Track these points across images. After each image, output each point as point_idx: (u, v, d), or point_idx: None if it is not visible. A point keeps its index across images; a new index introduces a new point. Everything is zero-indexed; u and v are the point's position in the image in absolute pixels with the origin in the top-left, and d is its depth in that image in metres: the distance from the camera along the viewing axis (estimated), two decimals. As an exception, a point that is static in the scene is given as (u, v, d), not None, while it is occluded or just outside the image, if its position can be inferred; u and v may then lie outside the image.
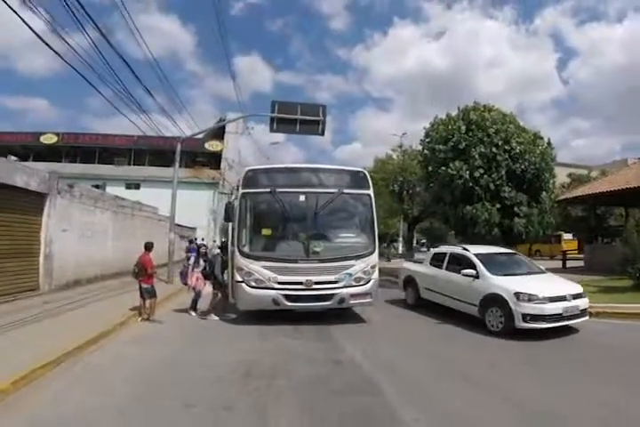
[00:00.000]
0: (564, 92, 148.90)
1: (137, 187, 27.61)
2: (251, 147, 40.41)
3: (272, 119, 13.75)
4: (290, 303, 7.13)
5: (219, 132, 29.00)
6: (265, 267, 7.14)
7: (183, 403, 3.75)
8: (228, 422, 3.43)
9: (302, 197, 7.55)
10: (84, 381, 4.37)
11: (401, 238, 31.55)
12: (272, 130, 13.95)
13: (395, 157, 23.14)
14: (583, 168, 31.98)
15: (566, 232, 24.87)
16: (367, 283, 7.46)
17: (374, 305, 7.92)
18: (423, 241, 37.29)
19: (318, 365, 5.03)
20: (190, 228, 25.12)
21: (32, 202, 8.68)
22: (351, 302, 7.38)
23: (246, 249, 7.27)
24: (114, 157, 31.04)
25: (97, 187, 17.47)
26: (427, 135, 14.05)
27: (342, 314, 7.94)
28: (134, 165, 30.41)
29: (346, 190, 7.68)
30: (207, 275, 8.02)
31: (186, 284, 8.33)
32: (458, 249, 8.37)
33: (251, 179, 7.64)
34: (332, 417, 3.52)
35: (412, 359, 5.41)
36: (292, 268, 7.17)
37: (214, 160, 30.58)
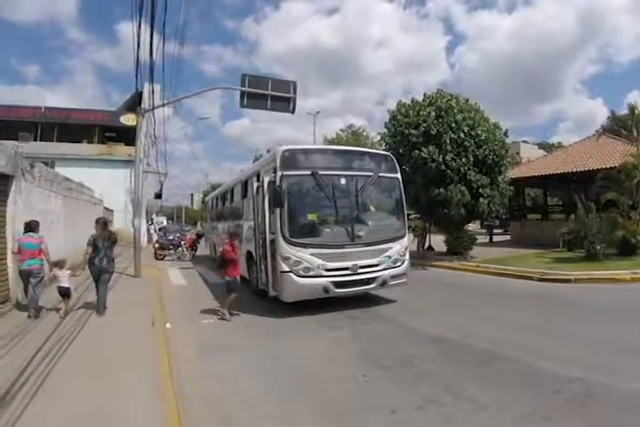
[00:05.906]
0: (450, 74, 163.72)
1: (51, 166, 23.45)
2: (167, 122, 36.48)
3: (242, 94, 12.68)
4: (338, 290, 6.95)
5: (134, 105, 25.70)
6: (313, 254, 6.80)
7: (387, 410, 3.42)
8: (466, 415, 3.29)
9: (343, 180, 7.32)
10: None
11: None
12: (242, 105, 12.87)
13: (344, 136, 23.71)
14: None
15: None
16: (403, 264, 7.67)
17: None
18: None
19: (424, 345, 5.12)
20: (109, 210, 22.34)
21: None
22: (391, 283, 7.50)
23: (293, 237, 6.79)
24: (17, 132, 25.83)
25: None
26: (393, 119, 14.54)
27: (361, 297, 7.90)
28: (41, 140, 25.66)
29: (380, 174, 7.68)
30: None
31: None
32: None
33: (289, 160, 7.08)
34: (512, 380, 3.80)
35: (485, 324, 6.05)
36: (339, 253, 6.96)
37: (128, 135, 27.10)
